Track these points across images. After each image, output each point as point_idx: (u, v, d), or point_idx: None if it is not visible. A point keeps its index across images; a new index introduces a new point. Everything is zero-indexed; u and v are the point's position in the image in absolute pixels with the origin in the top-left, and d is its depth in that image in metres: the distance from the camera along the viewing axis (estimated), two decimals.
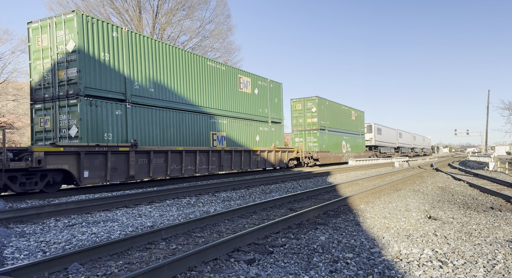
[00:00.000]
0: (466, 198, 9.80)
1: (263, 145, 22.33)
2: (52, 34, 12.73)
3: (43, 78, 12.88)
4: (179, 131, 16.07)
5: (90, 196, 10.99)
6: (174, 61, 16.14)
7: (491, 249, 4.84)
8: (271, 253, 4.65)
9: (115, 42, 13.52)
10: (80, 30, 12.28)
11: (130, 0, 28.53)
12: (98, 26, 12.94)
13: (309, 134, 29.43)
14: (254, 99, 21.99)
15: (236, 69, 20.69)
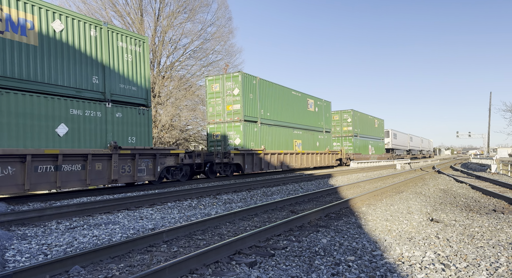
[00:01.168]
0: (469, 200, 9.77)
1: (321, 149, 28.99)
2: (222, 84, 20.48)
3: (215, 109, 20.70)
4: (279, 140, 23.35)
5: (91, 198, 11.00)
6: (276, 94, 23.46)
7: (494, 251, 4.82)
8: (273, 255, 4.64)
9: (254, 86, 21.23)
10: (242, 82, 20.02)
11: (132, 3, 28.66)
12: (248, 78, 20.50)
13: (345, 140, 36.63)
14: (315, 115, 28.53)
15: (305, 95, 27.21)
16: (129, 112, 13.45)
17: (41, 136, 10.77)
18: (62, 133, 11.31)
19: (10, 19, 10.23)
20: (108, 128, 12.62)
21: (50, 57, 11.26)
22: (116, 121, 12.94)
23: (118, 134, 12.97)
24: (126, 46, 13.59)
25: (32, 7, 10.79)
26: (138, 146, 13.58)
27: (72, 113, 11.64)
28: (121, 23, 28.62)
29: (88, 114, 12.08)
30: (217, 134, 20.50)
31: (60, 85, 11.44)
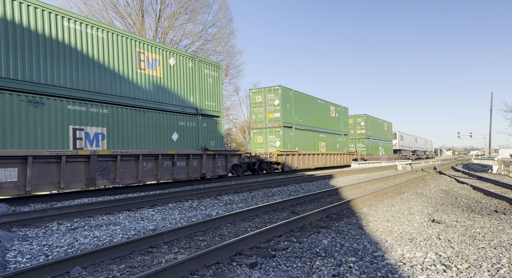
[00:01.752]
0: (470, 201, 9.75)
1: (340, 150, 32.98)
2: (264, 96, 24.74)
3: (257, 117, 24.89)
4: (308, 142, 27.61)
5: (92, 199, 11.01)
6: (305, 102, 27.60)
7: (495, 252, 4.80)
8: (274, 256, 4.63)
9: (290, 97, 25.30)
10: (281, 94, 24.20)
11: (133, 5, 28.73)
12: (286, 90, 24.42)
13: (358, 142, 40.42)
14: (336, 120, 32.66)
15: (328, 102, 31.22)
16: (210, 122, 17.78)
17: (164, 141, 14.98)
18: (175, 139, 15.57)
19: (147, 59, 14.69)
20: (199, 135, 16.97)
21: (167, 84, 15.52)
22: (203, 129, 17.24)
23: (205, 139, 17.28)
24: (209, 72, 17.93)
25: (159, 50, 15.17)
26: (217, 148, 17.80)
27: (180, 124, 15.89)
28: (122, 25, 28.68)
29: (188, 125, 16.36)
30: (260, 137, 24.81)
31: (174, 104, 15.66)
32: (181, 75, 16.10)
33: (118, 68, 13.35)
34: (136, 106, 13.79)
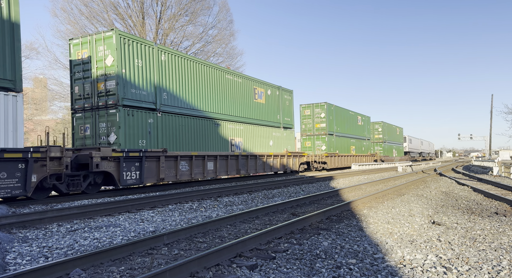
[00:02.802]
0: (470, 203, 9.74)
1: (365, 152, 39.44)
2: (312, 110, 29.19)
3: (306, 126, 27.85)
4: (343, 146, 33.42)
5: (92, 201, 11.00)
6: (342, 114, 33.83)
7: (496, 255, 4.80)
8: (274, 258, 4.63)
9: (332, 111, 32.13)
10: (326, 109, 29.36)
11: (134, 6, 28.77)
12: (329, 105, 28.97)
13: (377, 145, 46.59)
14: (361, 127, 38.87)
15: (356, 113, 36.95)
16: (287, 132, 25.40)
17: (264, 146, 22.37)
18: (271, 144, 23.05)
19: (258, 92, 22.49)
20: (282, 141, 24.40)
21: (268, 109, 23.25)
22: (284, 138, 24.73)
23: (285, 145, 24.79)
24: (286, 96, 25.64)
25: (263, 85, 22.98)
26: (293, 151, 24.68)
27: (273, 134, 23.54)
28: (122, 26, 28.73)
29: (277, 135, 23.97)
30: (308, 142, 31.13)
31: (270, 121, 23.38)
32: (273, 101, 23.84)
33: (246, 100, 21.15)
34: (254, 123, 21.58)
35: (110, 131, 13.27)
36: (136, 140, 13.87)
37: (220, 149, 18.51)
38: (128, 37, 13.91)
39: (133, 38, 14.14)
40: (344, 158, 32.62)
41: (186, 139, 16.33)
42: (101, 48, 13.58)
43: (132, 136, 13.69)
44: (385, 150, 47.24)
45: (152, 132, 14.52)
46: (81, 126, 14.06)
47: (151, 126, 14.46)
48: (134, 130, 13.79)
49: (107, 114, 13.37)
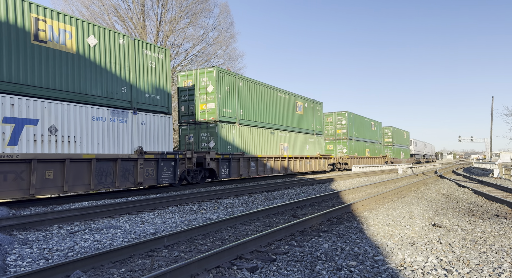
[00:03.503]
0: (471, 205, 9.72)
1: (377, 154, 43.38)
2: (334, 117, 32.28)
3: (329, 132, 29.66)
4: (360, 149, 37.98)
5: (93, 203, 11.00)
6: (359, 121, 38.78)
7: (496, 257, 4.79)
8: (274, 260, 4.62)
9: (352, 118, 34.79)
10: (347, 117, 32.21)
11: (134, 9, 28.86)
12: (349, 114, 31.08)
13: (386, 148, 50.78)
14: (374, 132, 43.25)
15: (370, 119, 42.14)
16: (318, 137, 28.67)
17: (302, 150, 25.92)
18: (307, 148, 26.57)
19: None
20: (315, 145, 27.87)
21: (305, 119, 26.91)
22: (316, 142, 28.18)
23: (318, 149, 28.34)
24: (318, 108, 29.26)
25: (301, 99, 26.85)
26: (324, 154, 28.67)
27: (309, 140, 26.99)
28: (123, 28, 28.79)
29: (311, 140, 27.37)
30: (331, 146, 35.33)
31: (307, 129, 27.02)
32: (309, 112, 27.56)
33: (290, 112, 24.75)
34: (295, 131, 25.17)
35: (210, 139, 18.16)
36: (225, 145, 18.38)
37: (274, 152, 22.56)
38: (222, 71, 18.46)
39: (225, 71, 18.73)
40: (362, 160, 37.40)
41: (253, 144, 20.62)
42: (203, 79, 18.34)
43: (223, 143, 18.23)
44: (394, 152, 51.73)
45: (235, 140, 19.21)
46: (186, 135, 18.87)
47: (234, 135, 19.08)
48: (224, 139, 18.35)
49: (208, 127, 18.19)
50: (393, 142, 51.68)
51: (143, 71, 13.95)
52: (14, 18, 10.09)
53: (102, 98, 12.35)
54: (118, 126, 12.79)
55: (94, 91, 12.09)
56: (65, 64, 11.30)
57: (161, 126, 14.53)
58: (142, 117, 13.75)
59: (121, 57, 13.13)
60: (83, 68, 11.82)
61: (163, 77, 14.80)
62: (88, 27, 12.13)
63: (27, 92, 10.27)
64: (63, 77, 11.21)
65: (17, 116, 10.00)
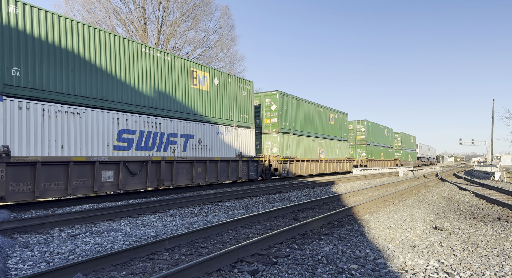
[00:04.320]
0: (472, 208, 9.70)
1: (390, 158, 48.42)
2: (354, 125, 38.27)
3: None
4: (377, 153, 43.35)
5: (94, 206, 11.01)
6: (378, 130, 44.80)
7: (498, 260, 4.78)
8: (275, 264, 4.62)
9: (370, 126, 40.04)
10: (366, 125, 38.32)
11: (136, 12, 28.97)
12: (368, 122, 36.98)
13: (396, 151, 54.72)
14: (388, 138, 48.10)
15: (384, 126, 46.53)
16: (345, 143, 33.39)
17: (333, 153, 30.85)
18: (337, 152, 31.20)
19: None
20: (342, 150, 32.24)
21: (335, 128, 32.03)
22: (343, 147, 33.03)
23: (344, 152, 32.98)
24: (344, 118, 34.41)
25: (332, 111, 32.25)
26: (350, 157, 33.54)
27: (338, 145, 31.64)
28: (124, 32, 28.90)
29: (340, 145, 31.99)
30: (351, 150, 39.27)
31: (337, 136, 31.89)
32: (338, 122, 32.54)
33: (325, 123, 30.02)
34: (329, 138, 30.45)
35: (273, 146, 23.21)
36: (285, 150, 23.50)
37: (314, 156, 27.52)
38: (282, 93, 23.77)
39: (284, 93, 23.91)
40: (378, 162, 43.12)
41: (301, 150, 25.75)
42: (268, 100, 23.67)
43: (283, 149, 23.28)
44: (403, 156, 56.79)
45: (290, 146, 24.18)
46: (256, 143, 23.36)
47: (289, 143, 24.17)
48: (283, 146, 23.30)
49: (271, 137, 23.32)
50: (402, 146, 56.55)
51: (239, 99, 19.48)
52: (183, 70, 15.90)
53: (221, 119, 17.98)
54: (227, 138, 18.30)
55: (217, 115, 17.72)
56: (204, 98, 17.03)
57: (248, 137, 19.92)
58: (239, 131, 19.17)
59: (228, 90, 18.65)
60: (212, 100, 17.46)
61: (249, 101, 20.35)
62: (214, 72, 17.81)
63: (190, 118, 16.03)
64: (203, 107, 16.89)
65: (185, 133, 15.74)
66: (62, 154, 10.93)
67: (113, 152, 12.50)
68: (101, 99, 12.24)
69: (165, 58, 14.95)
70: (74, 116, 11.35)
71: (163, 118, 14.57)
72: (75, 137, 11.35)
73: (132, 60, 13.44)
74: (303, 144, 26.23)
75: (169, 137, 14.90)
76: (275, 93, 23.48)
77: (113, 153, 12.49)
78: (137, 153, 13.39)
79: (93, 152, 11.82)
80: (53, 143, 10.75)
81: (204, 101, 16.84)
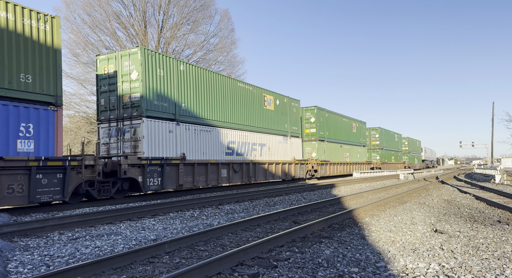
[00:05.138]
0: (473, 211, 9.69)
1: (399, 160, 52.99)
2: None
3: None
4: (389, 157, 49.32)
5: (94, 209, 10.99)
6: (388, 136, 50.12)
7: (499, 263, 4.77)
8: (275, 267, 4.61)
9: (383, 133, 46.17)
10: (380, 133, 43.44)
11: (136, 15, 29.06)
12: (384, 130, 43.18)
13: (404, 155, 58.51)
14: (398, 143, 53.16)
15: (394, 132, 51.01)
16: (364, 148, 38.85)
17: (355, 157, 36.12)
18: (358, 156, 36.88)
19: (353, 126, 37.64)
20: (362, 154, 37.65)
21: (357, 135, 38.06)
22: (363, 152, 38.11)
23: (364, 156, 38.41)
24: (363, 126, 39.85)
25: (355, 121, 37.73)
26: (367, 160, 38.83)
27: (359, 150, 37.13)
28: (125, 35, 28.98)
29: (360, 150, 37.57)
30: (367, 154, 41.97)
31: (358, 142, 37.44)
32: (359, 130, 37.47)
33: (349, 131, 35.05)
34: (352, 144, 35.57)
35: (312, 151, 28.61)
36: (321, 155, 28.21)
37: (342, 159, 31.58)
38: (319, 108, 28.41)
39: (320, 108, 28.78)
40: (390, 165, 47.46)
41: (333, 154, 30.01)
42: (308, 114, 28.88)
43: (320, 154, 28.03)
44: (410, 159, 61.38)
45: (325, 152, 29.09)
46: None
47: (323, 149, 29.26)
48: (320, 151, 28.17)
49: (311, 144, 28.61)
50: (409, 150, 61.37)
51: (291, 114, 24.80)
52: (258, 96, 21.67)
53: (281, 131, 23.43)
54: (284, 146, 23.66)
55: (278, 127, 23.21)
56: (270, 117, 22.46)
57: (297, 144, 25.42)
58: (292, 140, 24.74)
59: (284, 108, 24.17)
60: (276, 118, 23.06)
61: (298, 116, 25.84)
62: (276, 95, 23.29)
63: (263, 131, 21.64)
64: (270, 123, 22.44)
65: (261, 142, 21.39)
66: (203, 157, 16.85)
67: (225, 156, 18.26)
68: (220, 120, 18.17)
69: (248, 88, 20.87)
70: (207, 133, 17.28)
71: (248, 132, 20.33)
72: (208, 147, 17.22)
73: (231, 92, 19.37)
74: (333, 149, 31.11)
75: (252, 146, 20.65)
76: (314, 108, 28.36)
77: (225, 157, 18.26)
78: (237, 157, 19.14)
79: (217, 156, 17.69)
80: (200, 150, 16.73)
81: (270, 118, 22.48)
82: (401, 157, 55.09)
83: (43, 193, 10.40)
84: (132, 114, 14.28)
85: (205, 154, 16.86)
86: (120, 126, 14.54)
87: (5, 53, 10.06)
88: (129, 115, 14.36)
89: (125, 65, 14.70)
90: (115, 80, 14.90)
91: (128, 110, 14.41)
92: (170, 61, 15.61)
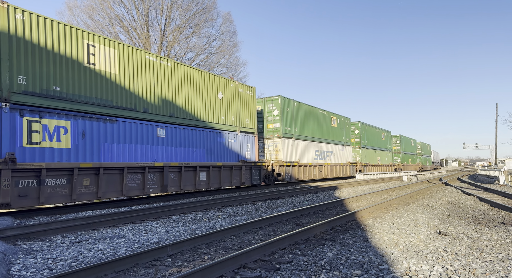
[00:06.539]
0: (477, 213, 9.63)
1: (415, 162, 57.85)
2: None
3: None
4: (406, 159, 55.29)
5: (97, 212, 11.01)
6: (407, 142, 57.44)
7: (503, 266, 4.73)
8: (278, 270, 4.59)
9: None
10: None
11: (138, 19, 29.21)
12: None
13: (418, 157, 62.90)
14: (414, 147, 59.15)
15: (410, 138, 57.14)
16: (390, 152, 45.20)
17: (384, 160, 43.43)
18: (386, 159, 44.09)
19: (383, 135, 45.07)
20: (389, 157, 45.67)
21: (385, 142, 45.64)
22: (390, 155, 45.82)
23: (390, 159, 45.82)
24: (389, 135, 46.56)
25: (384, 131, 45.15)
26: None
27: (386, 154, 44.64)
28: (127, 38, 29.12)
29: (386, 154, 44.75)
30: None
31: (386, 148, 44.42)
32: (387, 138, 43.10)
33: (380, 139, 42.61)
34: (382, 150, 42.74)
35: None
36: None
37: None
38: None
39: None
40: (408, 166, 52.87)
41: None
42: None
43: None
44: (423, 161, 67.45)
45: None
46: None
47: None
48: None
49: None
50: (422, 153, 67.54)
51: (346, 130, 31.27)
52: (328, 117, 29.18)
53: (339, 141, 30.23)
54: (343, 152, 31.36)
55: (340, 139, 31.21)
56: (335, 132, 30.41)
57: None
58: (346, 148, 30.87)
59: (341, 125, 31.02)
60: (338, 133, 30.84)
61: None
62: (338, 116, 29.98)
63: (331, 142, 28.21)
64: (335, 136, 30.26)
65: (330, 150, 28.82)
66: (308, 161, 23.62)
67: (314, 160, 26.30)
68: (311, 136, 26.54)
69: (323, 113, 28.96)
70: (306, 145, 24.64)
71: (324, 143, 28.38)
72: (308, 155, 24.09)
73: (317, 118, 27.83)
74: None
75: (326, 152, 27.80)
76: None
77: (314, 161, 26.50)
78: (320, 161, 27.15)
79: (310, 160, 24.41)
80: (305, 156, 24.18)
81: (336, 134, 26.93)
82: (416, 159, 60.86)
83: (253, 180, 19.50)
84: (274, 136, 23.23)
85: (307, 158, 25.72)
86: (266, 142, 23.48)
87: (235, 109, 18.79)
88: (273, 136, 23.31)
89: None
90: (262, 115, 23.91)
91: (271, 133, 23.46)
92: (290, 103, 24.46)
